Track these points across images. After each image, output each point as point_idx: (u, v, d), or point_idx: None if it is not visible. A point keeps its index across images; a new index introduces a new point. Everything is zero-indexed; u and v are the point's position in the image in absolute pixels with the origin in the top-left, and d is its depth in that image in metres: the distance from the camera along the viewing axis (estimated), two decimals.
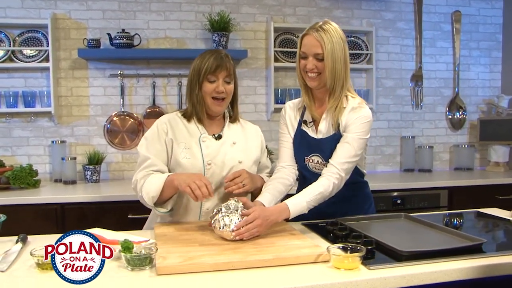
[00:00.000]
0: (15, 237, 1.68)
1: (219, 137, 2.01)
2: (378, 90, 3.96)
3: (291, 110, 2.12)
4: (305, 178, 2.04)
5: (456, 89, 4.17)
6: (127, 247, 1.36)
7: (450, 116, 4.20)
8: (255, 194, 2.02)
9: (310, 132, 2.03)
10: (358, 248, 1.42)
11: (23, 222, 2.72)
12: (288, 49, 3.77)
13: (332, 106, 1.94)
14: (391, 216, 2.06)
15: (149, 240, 1.57)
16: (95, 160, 3.37)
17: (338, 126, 1.93)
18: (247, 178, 1.89)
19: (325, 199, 1.87)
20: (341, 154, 1.89)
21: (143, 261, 1.36)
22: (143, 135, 3.48)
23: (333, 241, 1.68)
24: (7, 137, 3.42)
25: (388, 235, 1.82)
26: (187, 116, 2.02)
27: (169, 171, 1.95)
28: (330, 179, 1.85)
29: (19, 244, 1.59)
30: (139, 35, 3.44)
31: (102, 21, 3.49)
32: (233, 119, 2.10)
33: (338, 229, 1.78)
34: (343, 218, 1.93)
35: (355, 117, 1.91)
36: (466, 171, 4.04)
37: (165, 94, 3.61)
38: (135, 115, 3.57)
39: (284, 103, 3.61)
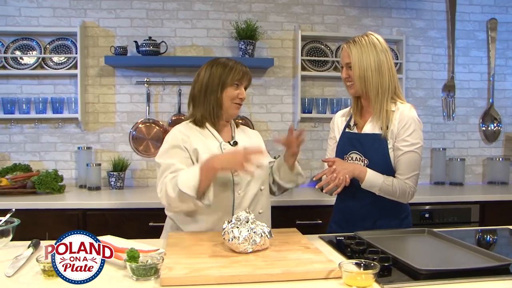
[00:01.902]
0: (28, 242, 1.68)
1: (235, 143, 2.04)
2: (408, 101, 3.72)
3: (339, 118, 2.27)
4: None
5: (490, 100, 4.01)
6: (132, 256, 1.33)
7: (484, 128, 4.04)
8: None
9: (354, 130, 2.15)
10: (372, 264, 1.35)
11: (45, 226, 2.75)
12: (316, 58, 3.71)
13: (376, 112, 2.04)
14: (413, 231, 1.97)
15: (158, 249, 1.55)
16: (119, 167, 3.39)
17: (387, 128, 2.02)
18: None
19: (394, 197, 2.00)
20: (405, 169, 2.01)
21: (148, 271, 1.32)
22: None
23: (349, 256, 1.61)
24: (35, 142, 3.49)
25: (408, 252, 1.74)
26: (198, 123, 2.01)
27: None
28: (406, 187, 1.99)
29: (30, 250, 1.59)
30: (165, 43, 3.46)
31: (130, 29, 3.53)
32: (236, 124, 2.16)
33: (355, 243, 1.71)
34: (363, 232, 1.86)
35: (406, 124, 2.00)
36: (500, 185, 3.87)
37: None
38: (161, 123, 3.58)
39: (311, 113, 3.65)
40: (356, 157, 2.07)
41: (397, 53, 3.80)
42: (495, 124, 4.03)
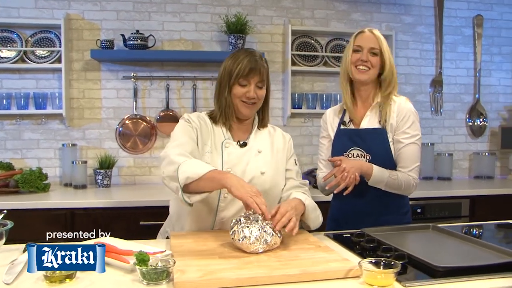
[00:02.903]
0: (23, 245, 1.59)
1: (244, 144, 1.87)
2: None
3: (331, 115, 2.21)
4: None
5: (477, 95, 4.05)
6: (142, 259, 1.26)
7: (470, 123, 4.07)
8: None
9: (350, 127, 2.11)
10: (392, 263, 1.31)
11: (31, 227, 2.63)
12: (306, 53, 3.67)
13: (380, 105, 2.04)
14: (418, 227, 1.95)
15: (165, 251, 1.47)
16: (106, 164, 3.28)
17: (385, 121, 2.02)
18: (292, 210, 1.64)
19: (399, 191, 2.00)
20: (407, 162, 2.00)
21: (159, 275, 1.25)
22: (156, 139, 3.47)
23: (360, 253, 1.58)
24: (17, 139, 3.35)
25: (418, 248, 1.71)
26: (213, 118, 1.89)
27: None
28: (410, 179, 1.99)
29: (26, 254, 1.49)
30: (153, 37, 3.35)
31: (116, 22, 3.41)
32: (262, 124, 1.96)
33: (365, 241, 1.67)
34: (369, 229, 1.82)
35: (405, 116, 2.01)
36: (487, 179, 3.92)
37: (179, 97, 3.52)
38: (148, 119, 3.48)
39: (301, 108, 3.61)
40: (358, 154, 2.04)
41: None
42: (481, 119, 4.07)
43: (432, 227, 1.92)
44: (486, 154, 4.00)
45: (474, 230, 2.14)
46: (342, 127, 2.13)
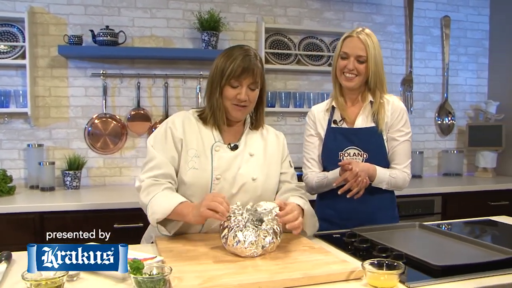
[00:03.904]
0: None
1: (235, 147, 1.77)
2: None
3: (320, 113, 2.15)
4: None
5: (445, 95, 4.13)
6: (137, 267, 1.18)
7: (439, 122, 4.16)
8: None
9: (343, 126, 2.08)
10: (395, 264, 1.28)
11: None
12: (279, 51, 3.63)
13: (375, 105, 2.03)
14: (404, 226, 1.96)
15: (155, 257, 1.39)
16: (75, 165, 3.13)
17: (380, 120, 2.02)
18: (297, 210, 1.60)
19: (396, 188, 2.06)
20: (402, 159, 2.05)
21: (156, 284, 1.17)
22: (126, 139, 3.34)
23: (353, 254, 1.56)
24: None
25: (410, 247, 1.70)
26: (203, 118, 1.79)
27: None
28: (405, 175, 2.06)
29: (4, 264, 1.37)
30: (124, 33, 3.23)
31: (84, 17, 3.26)
32: (256, 126, 1.86)
33: (358, 241, 1.65)
34: (357, 229, 1.80)
35: (399, 115, 2.04)
36: (455, 176, 4.00)
37: (150, 96, 3.41)
38: (118, 118, 3.35)
39: (274, 107, 3.57)
40: (355, 153, 2.03)
41: None
42: (449, 118, 4.16)
43: (419, 226, 1.93)
44: (454, 152, 4.09)
45: (458, 227, 2.17)
46: (333, 125, 2.09)
